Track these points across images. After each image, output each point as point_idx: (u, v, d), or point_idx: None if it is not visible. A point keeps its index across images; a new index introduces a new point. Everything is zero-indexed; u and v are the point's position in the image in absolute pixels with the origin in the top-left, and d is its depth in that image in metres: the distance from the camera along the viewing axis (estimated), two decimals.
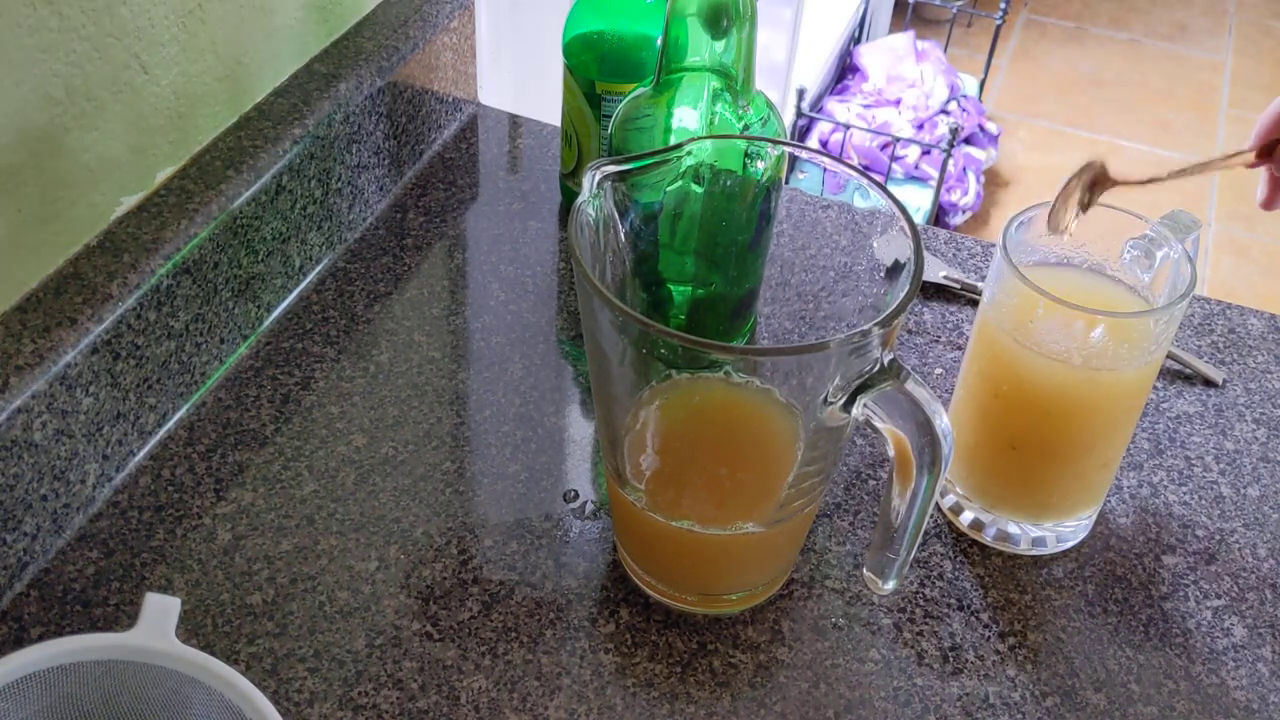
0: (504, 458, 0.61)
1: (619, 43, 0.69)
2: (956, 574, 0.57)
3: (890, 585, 0.51)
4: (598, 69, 0.68)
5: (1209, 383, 0.67)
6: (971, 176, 2.06)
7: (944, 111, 2.06)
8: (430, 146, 0.78)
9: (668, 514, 0.51)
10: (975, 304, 0.71)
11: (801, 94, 1.89)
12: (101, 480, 0.57)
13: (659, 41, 0.59)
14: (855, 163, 1.70)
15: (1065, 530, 0.57)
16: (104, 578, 0.54)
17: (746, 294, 0.62)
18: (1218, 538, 0.59)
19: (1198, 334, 0.70)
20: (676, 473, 0.53)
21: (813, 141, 2.02)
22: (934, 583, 0.56)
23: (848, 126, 1.90)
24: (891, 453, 0.46)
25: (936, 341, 0.69)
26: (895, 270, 0.48)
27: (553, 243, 0.73)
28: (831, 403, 0.46)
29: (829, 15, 2.12)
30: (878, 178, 1.93)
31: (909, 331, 0.69)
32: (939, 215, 2.04)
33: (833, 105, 2.06)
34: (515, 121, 0.82)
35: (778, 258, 0.58)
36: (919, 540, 0.48)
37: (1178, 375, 0.67)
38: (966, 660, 0.53)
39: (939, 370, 0.67)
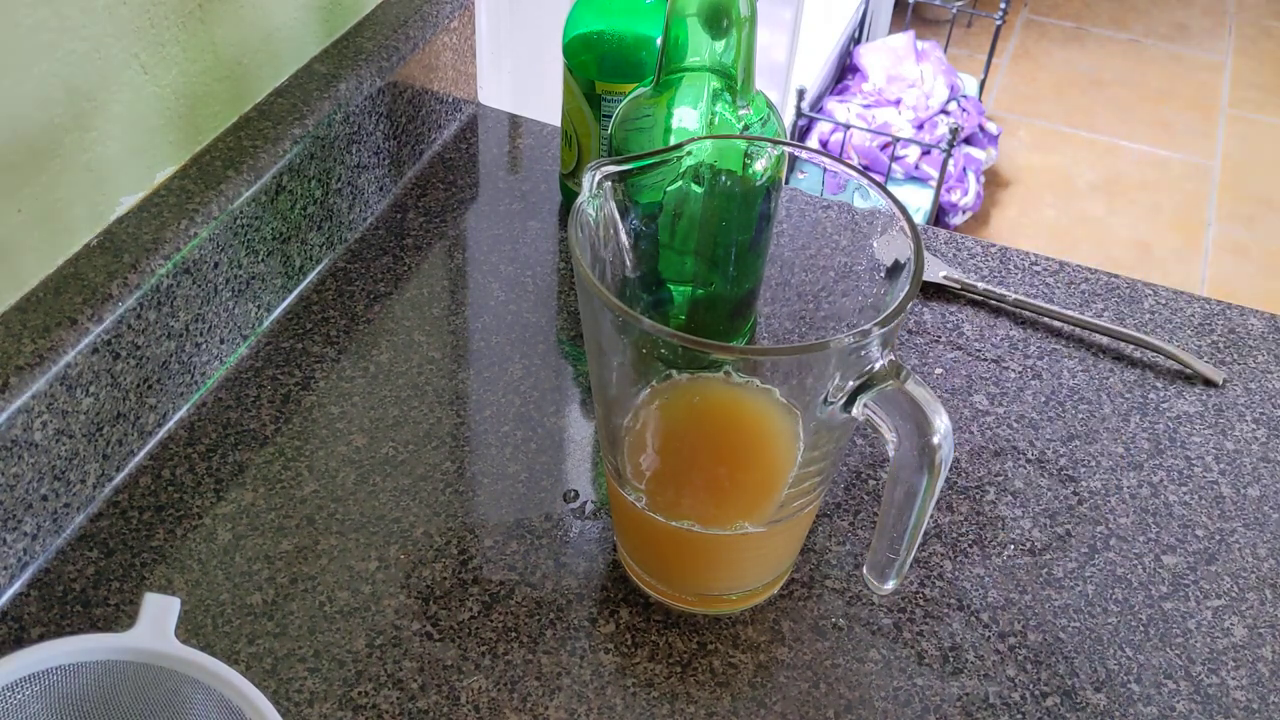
0: (504, 458, 0.61)
1: (619, 43, 0.69)
2: (956, 574, 0.57)
3: (890, 585, 0.51)
4: (598, 69, 0.68)
5: (1209, 383, 0.67)
6: (971, 176, 2.06)
7: (944, 111, 2.06)
8: (430, 147, 0.78)
9: (668, 514, 0.51)
10: (975, 304, 0.71)
11: (801, 94, 1.89)
12: (102, 480, 0.57)
13: (659, 41, 0.59)
14: (855, 163, 1.70)
15: None
16: (104, 578, 0.54)
17: (746, 294, 0.62)
18: (1218, 538, 0.59)
19: (1198, 334, 0.70)
20: (676, 473, 0.53)
21: (813, 141, 2.02)
22: (934, 583, 0.56)
23: (848, 126, 1.90)
24: (892, 453, 0.46)
25: (936, 341, 0.69)
26: (895, 270, 0.48)
27: (553, 243, 0.73)
28: (831, 403, 0.46)
29: (829, 15, 2.12)
30: (877, 178, 1.93)
31: (909, 331, 0.69)
32: (939, 215, 2.04)
33: (833, 105, 2.06)
34: (515, 122, 0.82)
35: (778, 258, 0.58)
36: (919, 540, 0.48)
37: (1178, 375, 0.67)
38: (966, 660, 0.53)
39: (939, 370, 0.67)
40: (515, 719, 0.50)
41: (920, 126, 2.02)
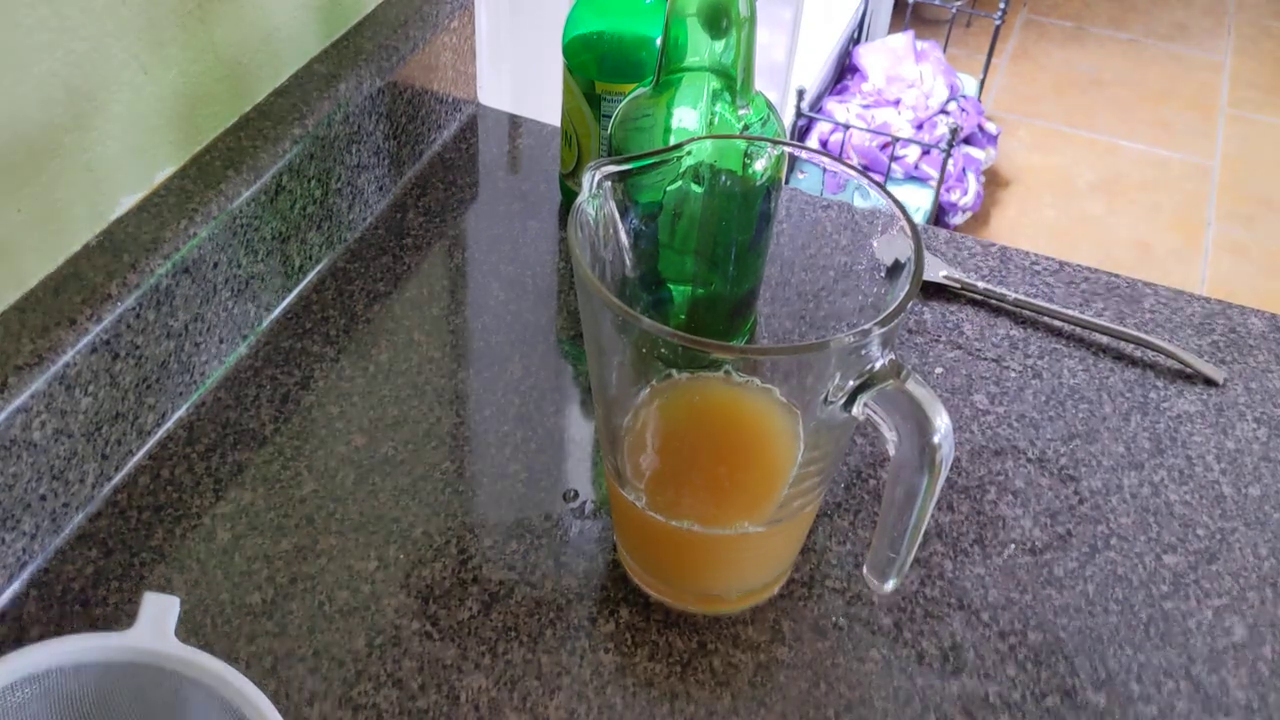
0: (504, 458, 0.61)
1: (619, 43, 0.69)
2: (956, 573, 0.57)
3: (890, 585, 0.50)
4: (597, 69, 0.68)
5: (1209, 382, 0.67)
6: (971, 176, 2.06)
7: (943, 111, 2.06)
8: (430, 146, 0.78)
9: (668, 514, 0.51)
10: (975, 303, 0.71)
11: (801, 94, 1.89)
12: (101, 480, 0.57)
13: (659, 42, 0.59)
14: (855, 163, 1.70)
15: None
16: (103, 577, 0.54)
17: (746, 293, 0.62)
18: (1218, 537, 0.59)
19: (1198, 334, 0.70)
20: (676, 472, 0.53)
21: (812, 141, 2.02)
22: (934, 582, 0.56)
23: (847, 126, 1.90)
24: (892, 452, 0.46)
25: (937, 341, 0.69)
26: (895, 270, 0.48)
27: (552, 243, 0.73)
28: (832, 402, 0.46)
29: (829, 15, 2.13)
30: (877, 177, 1.93)
31: (909, 331, 0.69)
32: (939, 215, 2.04)
33: (832, 105, 2.06)
34: (515, 121, 0.82)
35: (778, 257, 0.58)
36: (919, 540, 0.48)
37: (1178, 374, 0.67)
38: (967, 659, 0.53)
39: (939, 370, 0.67)
40: (515, 718, 0.50)
41: (920, 126, 2.02)
